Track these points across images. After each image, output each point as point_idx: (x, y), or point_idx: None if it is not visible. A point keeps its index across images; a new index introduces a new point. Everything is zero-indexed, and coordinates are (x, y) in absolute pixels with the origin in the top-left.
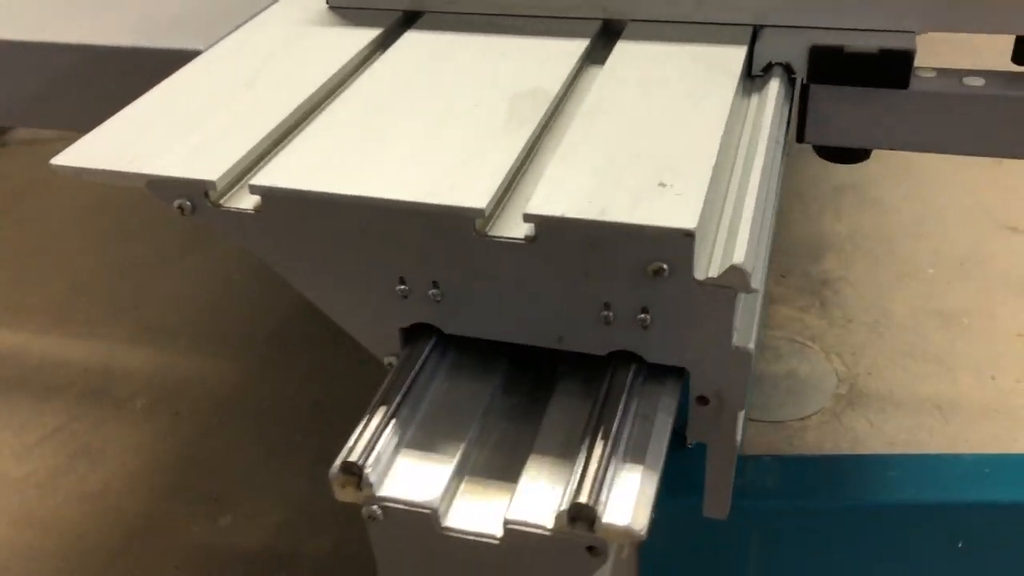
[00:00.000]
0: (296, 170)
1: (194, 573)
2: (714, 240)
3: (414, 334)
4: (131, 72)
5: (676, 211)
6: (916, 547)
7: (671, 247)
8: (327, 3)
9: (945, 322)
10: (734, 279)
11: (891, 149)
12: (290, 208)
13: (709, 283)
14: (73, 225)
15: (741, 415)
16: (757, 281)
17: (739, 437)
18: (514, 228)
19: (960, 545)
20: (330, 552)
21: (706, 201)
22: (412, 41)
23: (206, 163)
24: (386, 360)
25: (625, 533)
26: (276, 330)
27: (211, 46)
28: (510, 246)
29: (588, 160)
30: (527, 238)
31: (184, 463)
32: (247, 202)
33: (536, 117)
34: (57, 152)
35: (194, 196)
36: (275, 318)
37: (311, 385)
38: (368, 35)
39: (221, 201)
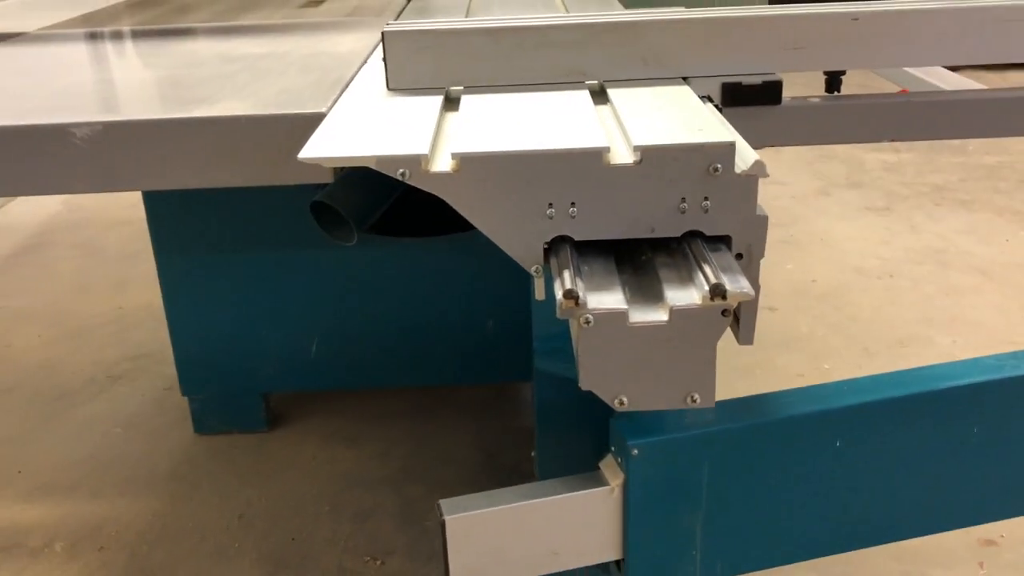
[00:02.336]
0: (476, 142)
1: None
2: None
3: (552, 245)
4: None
5: (720, 135)
6: (812, 449)
7: (722, 153)
8: (387, 87)
9: (743, 374)
10: (757, 168)
11: (772, 146)
12: (478, 165)
13: (744, 173)
14: None
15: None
16: (767, 171)
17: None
18: (622, 159)
19: (838, 444)
20: None
21: None
22: (473, 99)
23: (411, 146)
24: (532, 267)
25: (745, 294)
26: (176, 468)
27: (330, 109)
28: (625, 168)
29: (649, 126)
30: (635, 162)
31: None
32: (446, 166)
33: (594, 114)
34: None
35: (411, 166)
36: (171, 459)
37: (229, 504)
38: (436, 99)
39: (428, 168)
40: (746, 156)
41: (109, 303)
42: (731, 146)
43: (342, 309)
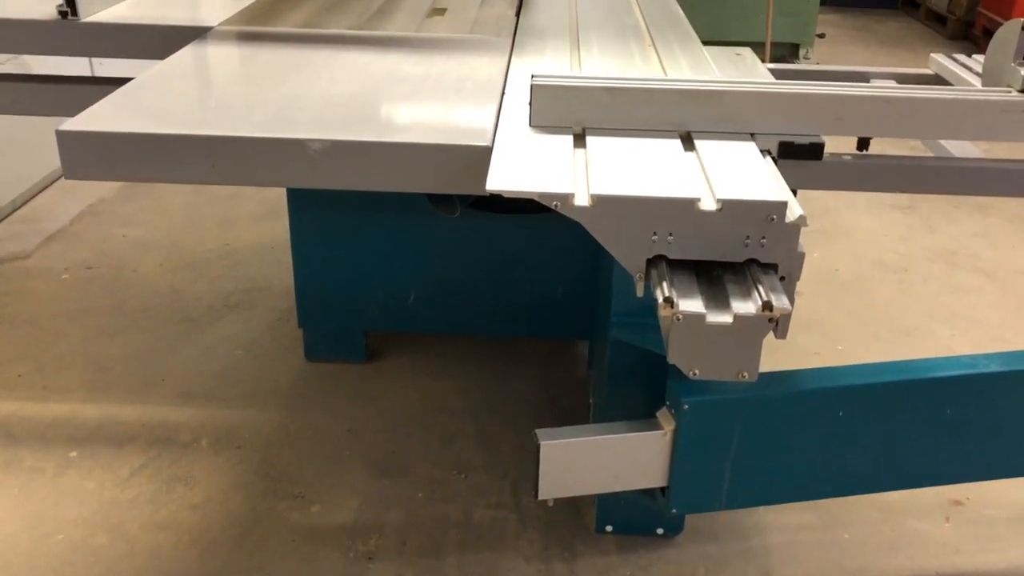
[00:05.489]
0: (604, 185)
1: (309, 543)
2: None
3: (652, 260)
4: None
5: (780, 194)
6: (819, 416)
7: (777, 208)
8: (530, 123)
9: (769, 350)
10: (800, 220)
11: (813, 189)
12: (608, 202)
13: (791, 222)
14: (66, 326)
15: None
16: (808, 221)
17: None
18: (708, 206)
19: (840, 414)
20: (406, 521)
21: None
22: (595, 140)
23: (561, 186)
24: (636, 274)
25: (786, 310)
26: (293, 386)
27: (492, 142)
28: (709, 212)
29: (727, 180)
30: (717, 209)
31: (263, 478)
32: (585, 201)
33: (687, 164)
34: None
35: (562, 200)
36: (287, 379)
37: (338, 419)
38: (568, 138)
39: (572, 202)
40: (794, 210)
41: (218, 239)
42: (784, 204)
43: (438, 267)
